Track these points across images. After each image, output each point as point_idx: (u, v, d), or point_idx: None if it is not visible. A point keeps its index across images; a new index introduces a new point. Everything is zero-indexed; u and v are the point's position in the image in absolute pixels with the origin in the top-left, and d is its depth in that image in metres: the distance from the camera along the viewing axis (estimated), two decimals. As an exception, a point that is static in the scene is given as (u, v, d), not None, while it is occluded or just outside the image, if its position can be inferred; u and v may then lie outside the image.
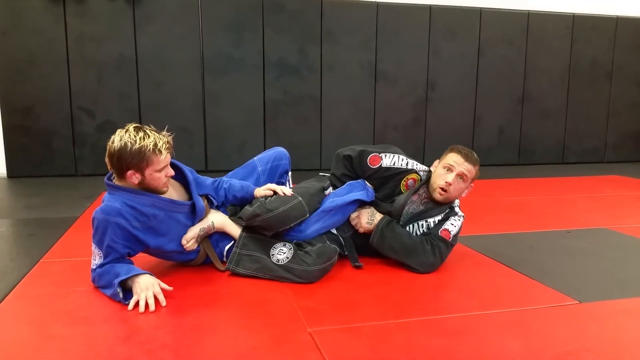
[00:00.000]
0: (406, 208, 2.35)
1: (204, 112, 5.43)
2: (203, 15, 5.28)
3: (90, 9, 5.00)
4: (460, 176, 2.27)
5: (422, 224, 2.37)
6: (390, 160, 2.35)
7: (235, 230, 2.22)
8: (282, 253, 2.14)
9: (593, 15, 6.46)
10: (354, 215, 2.36)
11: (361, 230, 2.33)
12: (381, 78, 5.88)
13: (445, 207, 2.38)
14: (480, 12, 6.06)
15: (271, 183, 2.36)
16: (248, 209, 2.18)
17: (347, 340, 1.61)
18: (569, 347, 1.58)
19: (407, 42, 5.89)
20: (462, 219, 2.37)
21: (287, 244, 2.17)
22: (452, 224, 2.31)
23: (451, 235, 2.29)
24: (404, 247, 2.24)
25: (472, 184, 2.35)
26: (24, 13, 4.86)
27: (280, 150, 2.46)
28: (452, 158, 2.28)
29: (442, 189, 2.27)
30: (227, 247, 2.24)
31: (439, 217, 2.36)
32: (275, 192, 2.23)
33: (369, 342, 1.60)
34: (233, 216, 2.26)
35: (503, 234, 2.99)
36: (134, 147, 1.88)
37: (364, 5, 5.70)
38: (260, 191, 2.24)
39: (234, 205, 2.32)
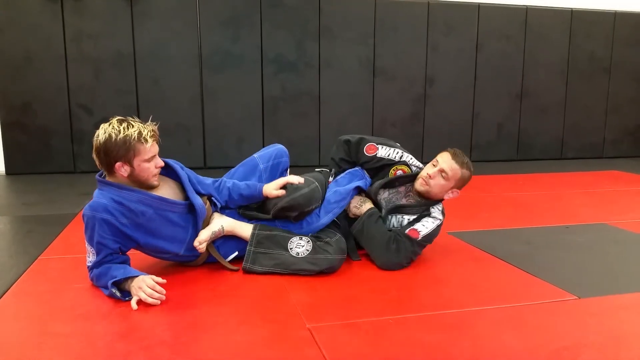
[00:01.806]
0: (389, 196, 2.40)
1: (202, 108, 5.42)
2: (201, 11, 5.27)
3: (88, 6, 4.98)
4: (442, 172, 2.26)
5: (399, 218, 2.38)
6: (385, 151, 2.42)
7: (245, 231, 2.19)
8: (300, 246, 2.14)
9: (591, 10, 6.45)
10: None
11: (350, 214, 2.38)
12: (379, 74, 5.87)
13: (422, 208, 2.36)
14: (478, 7, 6.05)
15: (273, 180, 2.35)
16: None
17: (346, 336, 1.61)
18: (568, 343, 1.58)
19: (406, 37, 5.88)
20: (437, 221, 2.32)
21: (304, 237, 2.18)
22: (423, 225, 2.28)
23: (420, 235, 2.24)
24: (376, 242, 2.25)
25: (458, 190, 2.34)
26: (22, 10, 4.85)
27: (280, 147, 2.45)
28: (441, 156, 2.32)
29: (423, 179, 2.31)
30: (230, 257, 2.20)
31: (414, 217, 2.35)
32: (284, 186, 2.20)
33: (367, 338, 1.60)
34: (248, 211, 2.26)
35: (501, 229, 2.99)
36: (118, 137, 1.87)
37: (361, 0, 5.68)
38: (271, 190, 2.19)
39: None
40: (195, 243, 2.08)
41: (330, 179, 2.45)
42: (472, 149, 6.34)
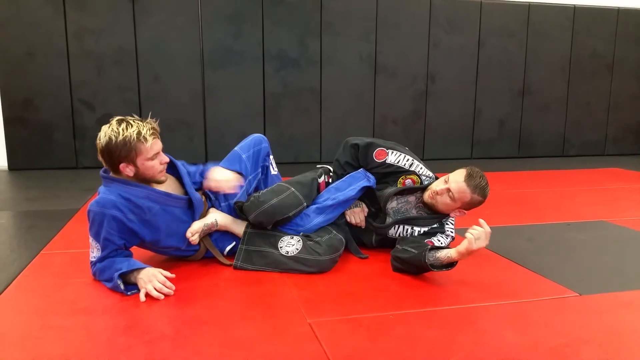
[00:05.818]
0: (398, 206, 2.36)
1: (204, 105, 5.42)
2: (202, 8, 5.26)
3: (90, 2, 4.98)
4: (449, 192, 2.19)
5: (408, 229, 2.33)
6: (395, 157, 2.35)
7: (238, 228, 2.20)
8: (290, 245, 2.14)
9: (594, 7, 6.43)
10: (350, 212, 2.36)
11: (353, 222, 2.34)
12: (381, 70, 5.86)
13: (435, 221, 2.33)
14: (480, 4, 6.03)
15: (256, 169, 2.36)
16: (246, 205, 2.18)
17: (346, 331, 1.61)
18: (568, 339, 1.59)
19: (407, 34, 5.87)
20: (449, 238, 2.32)
21: (295, 237, 2.17)
22: (439, 241, 2.27)
23: None
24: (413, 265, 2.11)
25: (465, 211, 2.27)
26: (24, 5, 4.85)
27: (257, 135, 2.46)
28: (455, 174, 2.21)
29: (431, 192, 2.25)
30: (227, 249, 2.22)
31: (425, 229, 2.32)
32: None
33: (368, 333, 1.60)
34: (241, 212, 2.24)
35: (503, 226, 2.98)
36: (118, 139, 1.87)
37: (364, -3, 5.68)
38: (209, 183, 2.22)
39: (242, 202, 2.30)
40: (188, 234, 2.09)
41: (322, 178, 2.39)
42: (474, 146, 6.34)
